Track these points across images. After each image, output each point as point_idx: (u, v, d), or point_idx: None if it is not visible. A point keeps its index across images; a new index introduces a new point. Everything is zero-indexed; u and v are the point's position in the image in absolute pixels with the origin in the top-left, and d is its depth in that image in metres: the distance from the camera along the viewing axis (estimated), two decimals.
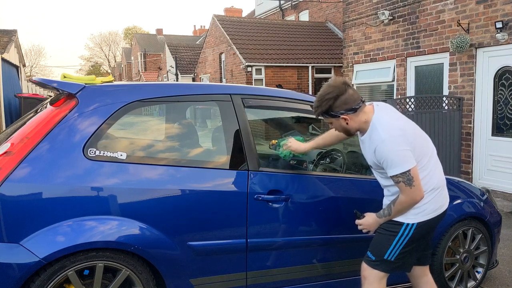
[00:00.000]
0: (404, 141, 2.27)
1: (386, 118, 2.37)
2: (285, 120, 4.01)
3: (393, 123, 2.34)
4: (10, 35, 14.69)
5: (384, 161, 2.30)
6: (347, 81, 2.40)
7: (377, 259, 2.47)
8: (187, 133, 2.99)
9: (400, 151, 2.25)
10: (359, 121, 2.39)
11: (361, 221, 2.59)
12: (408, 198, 2.31)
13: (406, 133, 2.31)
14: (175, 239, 2.46)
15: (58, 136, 2.33)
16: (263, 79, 14.50)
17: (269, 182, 2.70)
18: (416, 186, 2.27)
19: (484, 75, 6.86)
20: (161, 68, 31.33)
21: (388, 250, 2.44)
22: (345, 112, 2.35)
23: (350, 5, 9.74)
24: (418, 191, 2.29)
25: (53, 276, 2.21)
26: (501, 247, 4.52)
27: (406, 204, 2.34)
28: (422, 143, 2.40)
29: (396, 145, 2.26)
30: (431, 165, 2.42)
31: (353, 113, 2.35)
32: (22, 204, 2.19)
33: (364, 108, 2.39)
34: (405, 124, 2.39)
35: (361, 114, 2.38)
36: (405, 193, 2.30)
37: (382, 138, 2.29)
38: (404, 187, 2.28)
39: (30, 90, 20.65)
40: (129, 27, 62.37)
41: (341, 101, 2.33)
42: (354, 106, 2.34)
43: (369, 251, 2.53)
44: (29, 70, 48.27)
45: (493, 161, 6.84)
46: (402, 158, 2.25)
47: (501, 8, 6.42)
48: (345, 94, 2.32)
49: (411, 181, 2.26)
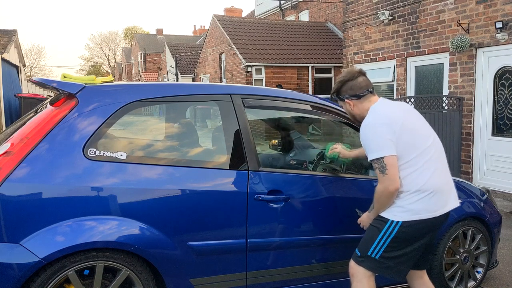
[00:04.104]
0: (387, 129, 2.29)
1: (380, 107, 2.43)
2: (285, 120, 4.01)
3: (384, 112, 2.38)
4: (10, 35, 14.69)
5: (364, 145, 2.37)
6: (363, 70, 2.53)
7: (362, 254, 2.46)
8: (187, 133, 2.99)
9: (379, 137, 2.29)
10: (362, 109, 2.49)
11: (359, 219, 2.66)
12: (381, 186, 2.32)
13: (393, 123, 2.31)
14: (175, 239, 2.46)
15: (58, 136, 2.33)
16: (263, 79, 14.50)
17: (269, 182, 2.69)
18: (390, 176, 2.27)
19: (484, 75, 6.86)
20: (161, 68, 31.32)
21: (372, 246, 2.41)
22: (349, 97, 2.50)
23: (350, 5, 9.74)
24: (391, 181, 2.28)
25: (53, 276, 2.21)
26: (501, 247, 4.52)
27: (381, 193, 2.34)
28: (410, 139, 2.33)
29: (377, 130, 2.31)
30: (419, 164, 2.33)
31: (356, 99, 2.49)
32: (22, 204, 2.19)
33: (369, 98, 2.50)
34: (397, 115, 2.36)
35: (366, 102, 2.49)
36: (380, 180, 2.33)
37: (366, 122, 2.38)
38: (379, 174, 2.32)
39: (30, 90, 20.65)
40: (129, 27, 62.36)
41: (348, 86, 2.49)
42: (359, 93, 2.48)
43: (357, 247, 2.53)
44: (29, 70, 48.28)
45: (493, 161, 6.84)
46: (379, 144, 2.29)
47: (501, 8, 6.42)
48: (353, 80, 2.48)
49: (384, 169, 2.28)
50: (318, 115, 3.13)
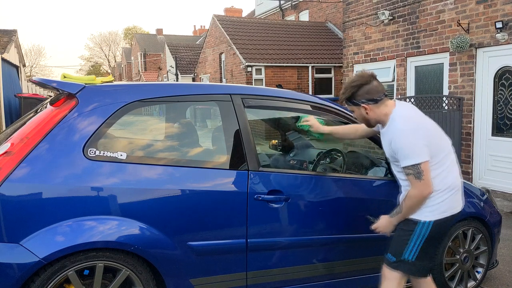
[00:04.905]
0: (420, 134, 2.32)
1: (406, 112, 2.43)
2: (285, 120, 4.01)
3: (412, 117, 2.40)
4: (10, 35, 14.69)
5: (398, 152, 2.35)
6: (374, 74, 2.50)
7: (397, 259, 2.47)
8: (187, 133, 2.99)
9: (415, 143, 2.30)
10: (379, 113, 2.46)
11: (375, 224, 2.59)
12: (416, 191, 2.33)
13: (423, 127, 2.36)
14: (175, 239, 2.46)
15: (58, 136, 2.33)
16: (263, 79, 14.50)
17: (269, 182, 2.69)
18: (425, 181, 2.30)
19: (484, 75, 6.86)
20: (161, 68, 31.32)
21: (407, 250, 2.44)
22: (366, 102, 2.45)
23: (350, 5, 9.74)
24: (427, 186, 2.31)
25: (53, 276, 2.21)
26: (501, 247, 4.52)
27: (415, 199, 2.36)
28: (438, 141, 2.43)
29: (411, 137, 2.31)
30: (447, 163, 2.44)
31: (373, 103, 2.44)
32: (22, 204, 2.19)
33: (385, 102, 2.46)
34: (423, 119, 2.44)
35: (382, 106, 2.45)
36: (414, 186, 2.34)
37: (399, 129, 2.35)
38: (413, 180, 2.32)
39: (30, 90, 20.64)
40: (129, 27, 62.36)
41: (364, 90, 2.44)
42: (376, 97, 2.44)
43: (388, 253, 2.52)
44: (29, 70, 48.28)
45: (493, 161, 6.84)
46: (415, 150, 2.29)
47: (501, 8, 6.42)
48: (369, 84, 2.44)
49: (420, 175, 2.29)
50: (318, 115, 3.13)
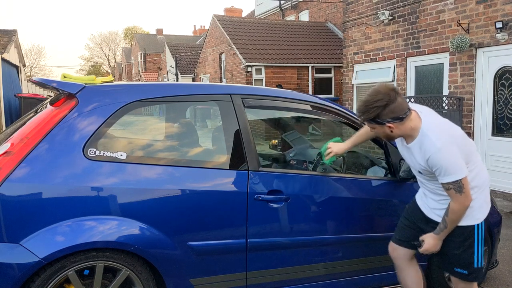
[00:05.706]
0: (457, 149, 2.30)
1: (433, 123, 2.38)
2: (285, 120, 4.01)
3: (442, 128, 2.37)
4: (10, 35, 14.69)
5: (437, 169, 2.31)
6: (397, 89, 2.35)
7: (470, 271, 2.47)
8: (187, 133, 2.99)
9: (454, 161, 2.28)
10: (404, 129, 2.36)
11: (424, 247, 2.49)
12: (458, 204, 2.33)
13: (457, 139, 2.34)
14: (175, 239, 2.46)
15: (58, 136, 2.33)
16: (263, 79, 14.50)
17: (269, 182, 2.69)
18: (466, 193, 2.31)
19: (484, 75, 6.86)
20: (161, 68, 31.32)
21: (476, 258, 2.46)
22: (391, 121, 2.31)
23: (350, 5, 9.74)
24: (467, 198, 2.32)
25: (53, 276, 2.21)
26: (501, 247, 4.52)
27: (458, 211, 2.35)
28: (466, 142, 2.42)
29: (451, 155, 2.27)
30: (478, 162, 2.48)
31: (399, 122, 2.32)
32: (22, 204, 2.19)
33: (410, 116, 2.36)
34: (452, 128, 2.43)
35: (407, 122, 2.35)
36: (455, 199, 2.32)
37: (437, 147, 2.27)
38: (454, 194, 2.31)
39: (30, 90, 20.65)
40: (129, 27, 62.34)
41: (390, 109, 2.28)
42: (401, 115, 2.31)
43: (457, 268, 2.50)
44: (29, 70, 48.29)
45: (493, 161, 6.84)
46: (455, 167, 2.27)
47: (501, 8, 6.42)
48: (395, 103, 2.28)
49: (461, 189, 2.29)
50: (318, 115, 3.13)
